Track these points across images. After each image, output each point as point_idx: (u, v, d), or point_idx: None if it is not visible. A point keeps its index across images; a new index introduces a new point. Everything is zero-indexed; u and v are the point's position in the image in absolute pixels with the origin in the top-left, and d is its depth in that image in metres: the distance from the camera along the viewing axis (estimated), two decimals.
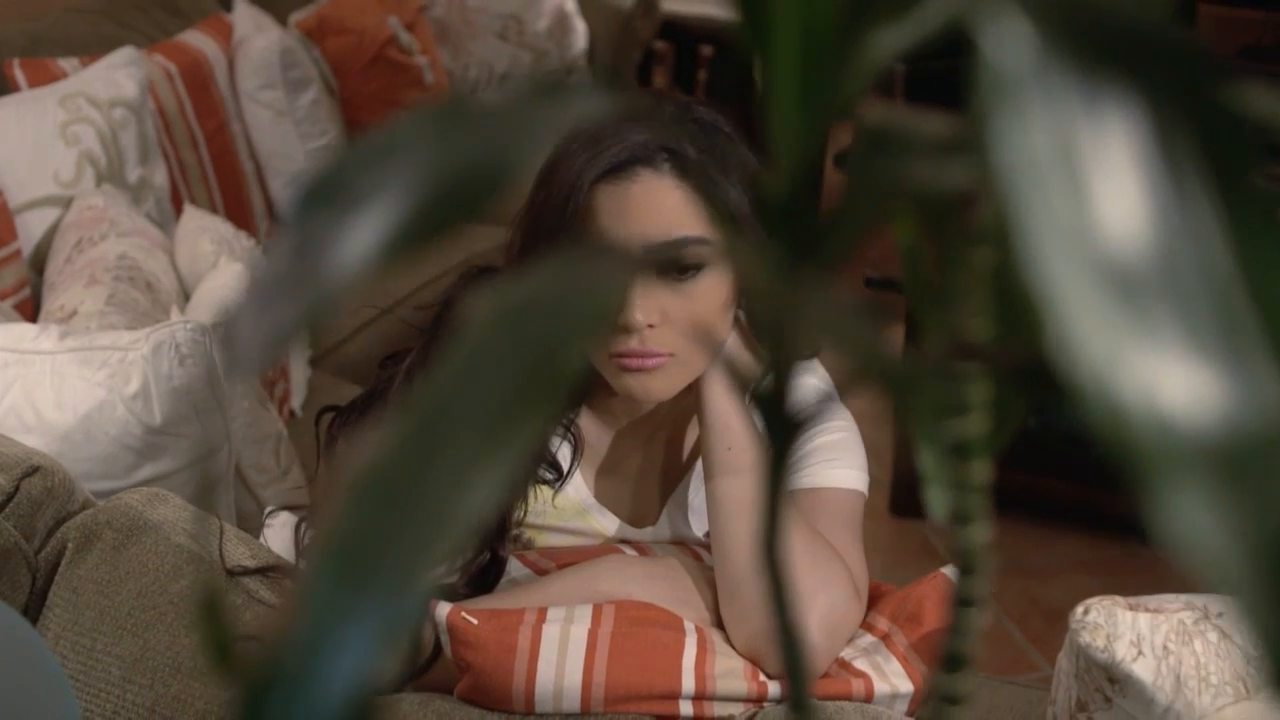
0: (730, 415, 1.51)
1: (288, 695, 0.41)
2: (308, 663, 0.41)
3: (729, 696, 1.39)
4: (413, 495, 0.42)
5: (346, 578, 0.41)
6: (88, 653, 1.41)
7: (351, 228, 0.45)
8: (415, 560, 0.41)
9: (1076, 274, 0.33)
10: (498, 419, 0.42)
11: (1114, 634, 1.31)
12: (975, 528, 0.57)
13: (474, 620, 1.38)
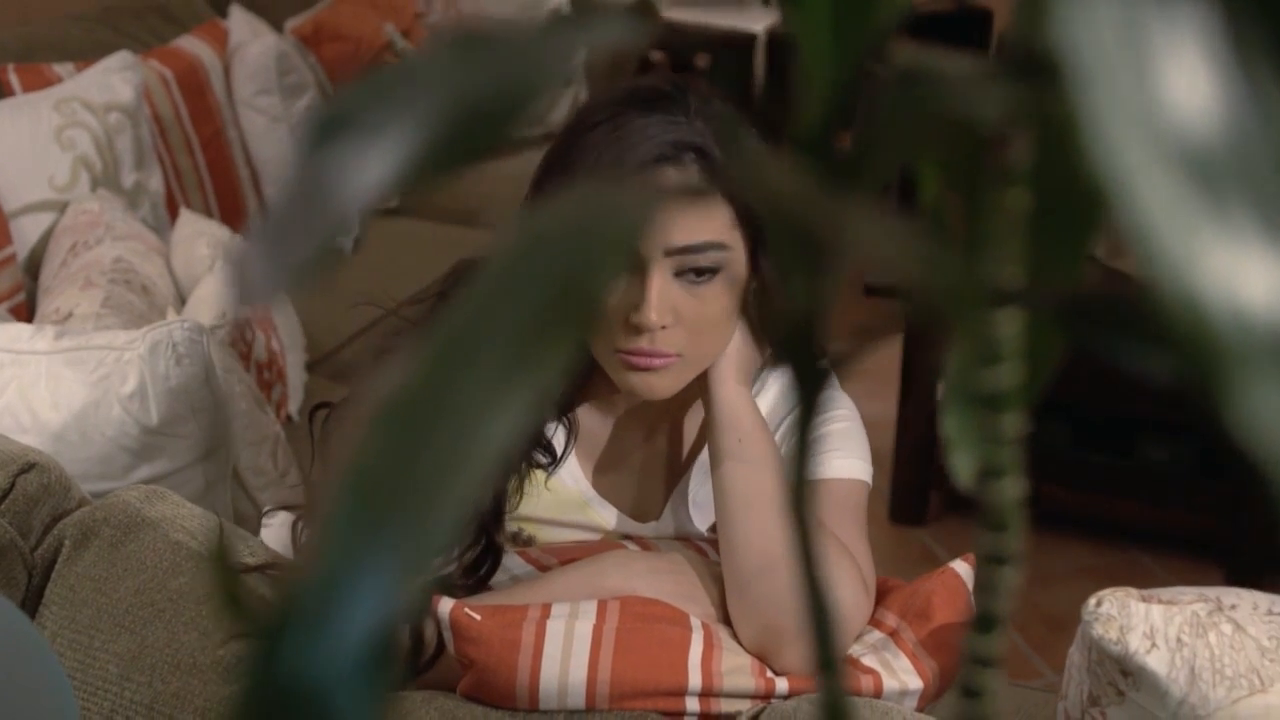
0: (739, 406, 1.49)
1: (304, 635, 0.39)
2: (325, 600, 0.39)
3: (736, 693, 1.37)
4: (434, 425, 0.40)
5: (366, 512, 0.39)
6: (85, 650, 1.39)
7: (366, 155, 0.43)
8: (438, 492, 0.39)
9: (1148, 161, 0.31)
10: (522, 346, 0.40)
11: (1127, 626, 1.29)
12: (1007, 482, 0.55)
13: (477, 616, 1.36)
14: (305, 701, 0.39)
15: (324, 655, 0.39)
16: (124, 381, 1.81)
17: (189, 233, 2.54)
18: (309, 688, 0.39)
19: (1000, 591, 0.56)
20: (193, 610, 1.40)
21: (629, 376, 1.46)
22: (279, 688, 0.39)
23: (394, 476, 0.39)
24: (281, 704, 0.39)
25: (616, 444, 1.60)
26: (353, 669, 0.39)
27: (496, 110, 0.44)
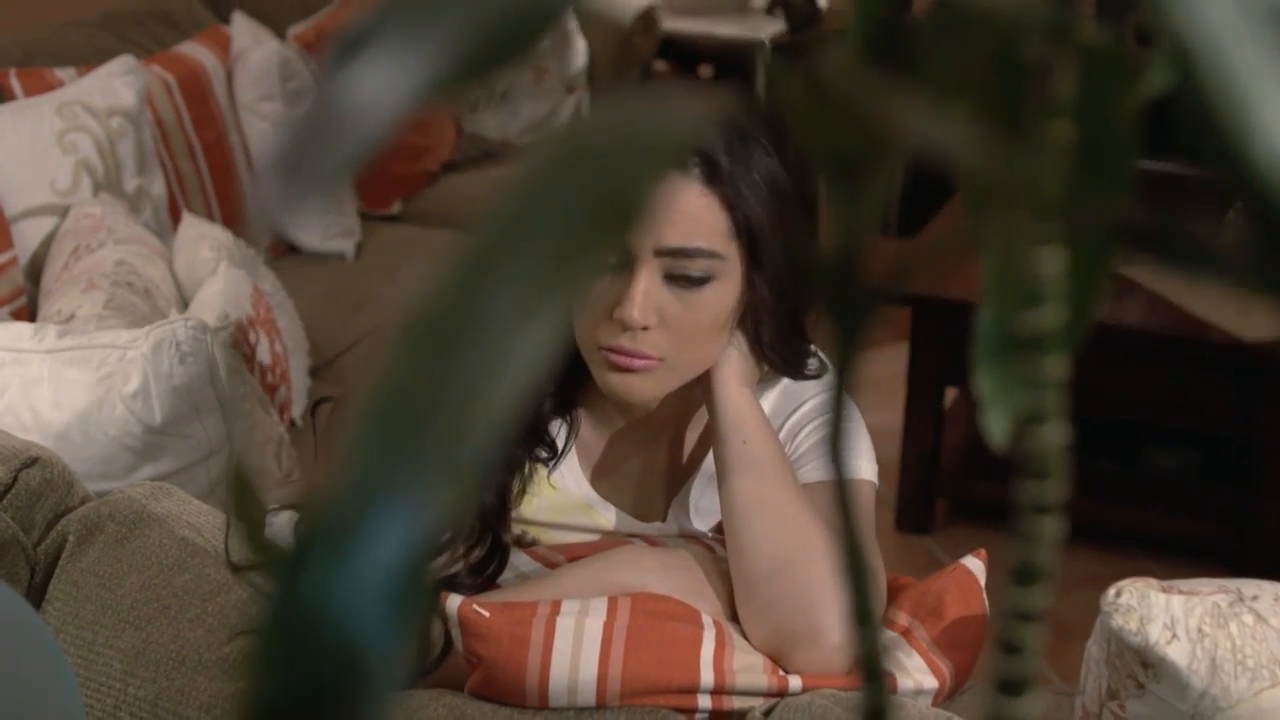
0: (744, 408, 1.47)
1: (328, 560, 0.37)
2: (352, 523, 0.37)
3: (748, 691, 1.35)
4: (465, 338, 0.38)
5: (395, 430, 0.37)
6: (88, 646, 1.37)
7: (390, 72, 0.42)
8: (471, 408, 0.37)
9: (1233, 20, 0.29)
10: (558, 256, 0.38)
11: (1147, 617, 1.27)
12: (1050, 427, 0.54)
13: (486, 613, 1.34)
14: (329, 630, 0.37)
15: (349, 581, 0.37)
16: (127, 380, 1.79)
17: (191, 236, 2.52)
18: (333, 616, 0.37)
19: (1042, 542, 0.54)
20: (198, 606, 1.39)
21: (609, 376, 1.44)
22: (301, 616, 0.37)
23: (424, 392, 0.37)
24: (304, 634, 0.37)
25: (617, 449, 1.58)
26: (380, 595, 0.37)
27: (520, 24, 0.43)
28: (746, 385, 1.49)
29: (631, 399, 1.47)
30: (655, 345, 1.42)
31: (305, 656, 0.37)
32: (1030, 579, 0.55)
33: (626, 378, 1.44)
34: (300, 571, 0.38)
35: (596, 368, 1.45)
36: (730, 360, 1.49)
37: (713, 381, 1.48)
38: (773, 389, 1.56)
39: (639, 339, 1.42)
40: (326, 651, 0.37)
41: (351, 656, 0.37)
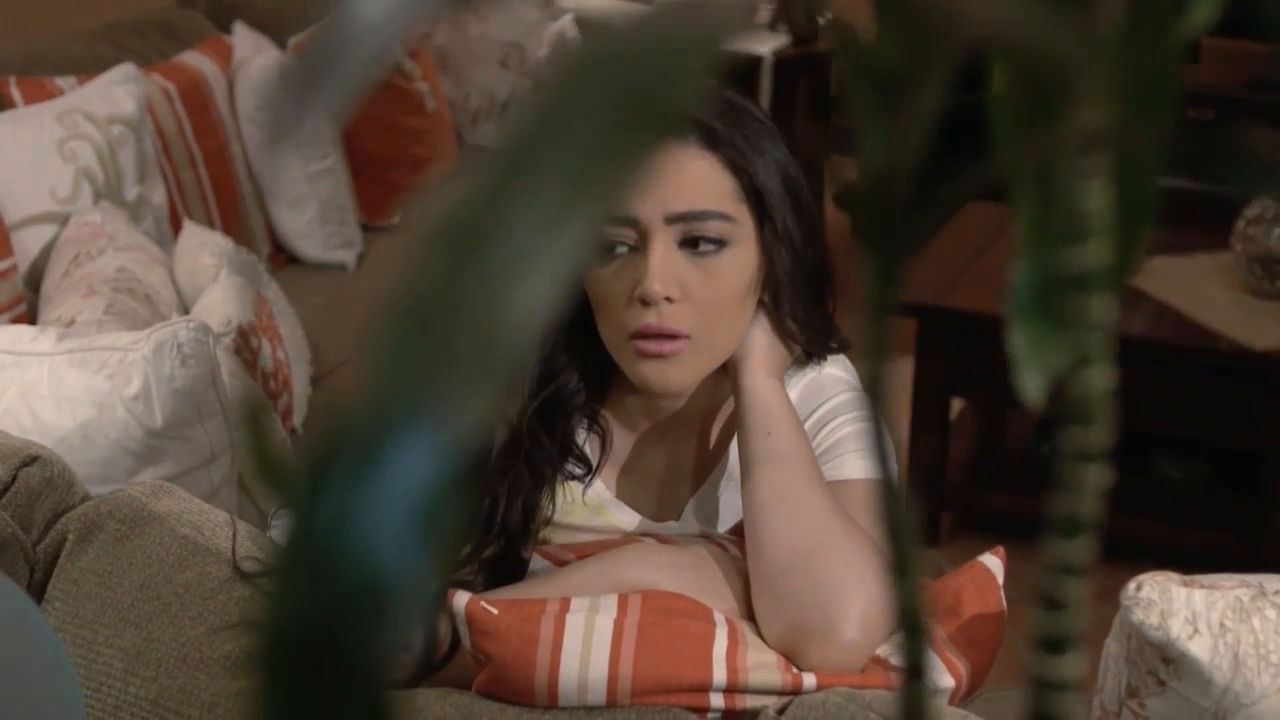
0: (770, 398, 1.45)
1: (350, 479, 0.35)
2: (376, 438, 0.35)
3: (762, 688, 1.32)
4: (494, 240, 0.36)
5: (420, 338, 0.35)
6: (88, 646, 1.35)
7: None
8: (500, 314, 0.35)
9: None
10: (592, 160, 0.36)
11: (1168, 611, 1.25)
12: (1095, 371, 0.51)
13: (494, 610, 1.32)
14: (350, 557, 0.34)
15: (373, 505, 0.34)
16: (128, 383, 1.77)
17: (192, 244, 2.50)
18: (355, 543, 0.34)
19: (1086, 491, 0.52)
20: (200, 604, 1.36)
21: (642, 367, 1.43)
22: (321, 542, 0.35)
23: (450, 298, 0.35)
24: (323, 561, 0.35)
25: (641, 451, 1.57)
26: (407, 520, 0.34)
27: None
28: (774, 376, 1.48)
29: (667, 387, 1.45)
30: (682, 320, 1.41)
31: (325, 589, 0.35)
32: (1073, 531, 0.53)
33: (660, 365, 1.42)
34: (319, 496, 0.35)
35: (628, 361, 1.44)
36: (757, 349, 1.48)
37: (739, 372, 1.47)
38: (798, 384, 1.55)
39: (665, 314, 1.41)
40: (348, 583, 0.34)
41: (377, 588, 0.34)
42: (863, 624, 1.36)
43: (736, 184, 1.43)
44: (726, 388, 1.53)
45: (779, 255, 1.46)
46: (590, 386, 1.53)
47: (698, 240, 1.42)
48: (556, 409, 1.51)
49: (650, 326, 1.41)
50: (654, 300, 1.40)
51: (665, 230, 1.41)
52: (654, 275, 1.40)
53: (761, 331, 1.49)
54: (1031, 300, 0.54)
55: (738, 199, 1.43)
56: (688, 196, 1.41)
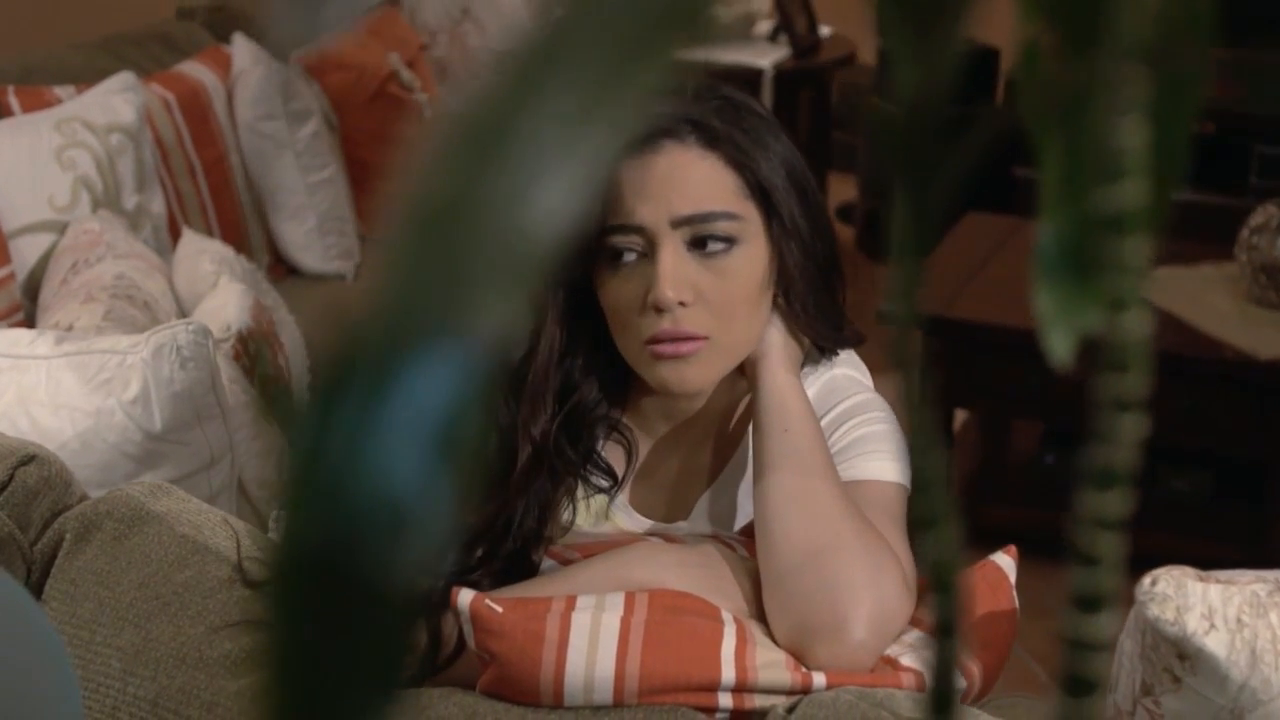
0: (788, 394, 1.44)
1: (363, 401, 0.33)
2: (395, 350, 0.33)
3: (771, 688, 1.30)
4: (516, 141, 0.34)
5: (438, 243, 0.33)
6: (86, 646, 1.33)
7: None
8: (522, 218, 0.33)
9: None
10: (616, 64, 0.34)
11: (1184, 606, 1.23)
12: (1132, 316, 0.49)
13: (499, 608, 1.30)
14: (366, 479, 0.32)
15: (391, 421, 0.32)
16: (126, 386, 1.75)
17: (192, 251, 2.49)
18: (371, 461, 0.32)
19: (1123, 442, 0.50)
20: (199, 603, 1.34)
21: (658, 369, 1.41)
22: (334, 464, 0.33)
23: (470, 202, 0.33)
24: (337, 484, 0.33)
25: (659, 455, 1.56)
26: (427, 436, 0.32)
27: None
28: (792, 373, 1.46)
29: (685, 388, 1.43)
30: (698, 322, 1.40)
31: (339, 513, 0.33)
32: (1109, 483, 0.51)
33: (678, 366, 1.41)
34: (331, 415, 0.33)
35: (646, 367, 1.43)
36: (774, 347, 1.47)
37: (758, 369, 1.46)
38: (813, 385, 1.53)
39: (680, 319, 1.39)
40: (363, 506, 0.32)
41: (394, 510, 0.32)
42: (873, 624, 1.34)
43: (740, 181, 1.42)
44: (743, 388, 1.52)
45: (788, 249, 1.45)
46: (610, 397, 1.52)
47: (706, 241, 1.41)
48: (579, 422, 1.49)
49: (666, 332, 1.40)
50: (668, 306, 1.39)
51: (673, 234, 1.40)
52: (665, 281, 1.38)
53: (776, 329, 1.48)
54: (1059, 259, 0.53)
55: (743, 196, 1.42)
56: (692, 199, 1.40)
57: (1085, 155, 0.50)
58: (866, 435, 1.49)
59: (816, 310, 1.49)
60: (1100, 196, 0.49)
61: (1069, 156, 0.52)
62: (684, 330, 1.40)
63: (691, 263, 1.40)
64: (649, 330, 1.40)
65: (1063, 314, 0.53)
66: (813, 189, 1.47)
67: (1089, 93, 0.48)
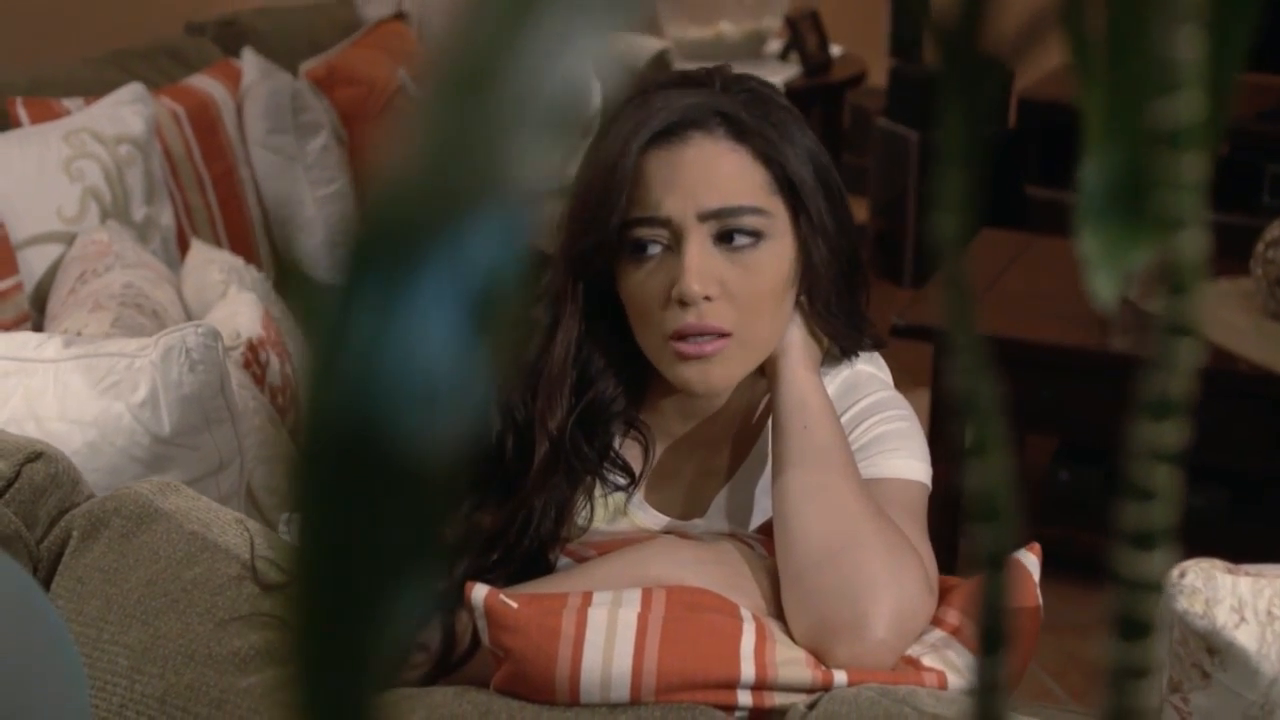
0: (808, 390, 1.42)
1: (401, 263, 0.30)
2: (434, 209, 0.30)
3: (791, 686, 1.27)
4: None
5: (479, 95, 0.31)
6: (93, 643, 1.31)
7: None
8: (557, 71, 0.31)
9: None
10: None
11: (1214, 599, 1.20)
12: (1188, 235, 0.47)
13: (514, 604, 1.27)
14: (395, 362, 0.30)
15: (423, 295, 0.30)
16: (135, 389, 1.73)
17: (200, 260, 2.47)
18: (400, 342, 0.30)
19: (1179, 369, 0.48)
20: (208, 600, 1.32)
21: (681, 369, 1.39)
22: (360, 347, 0.31)
23: (503, 58, 0.31)
24: (363, 368, 0.31)
25: (676, 455, 1.53)
26: (462, 313, 0.30)
27: None
28: (812, 370, 1.44)
29: (708, 388, 1.41)
30: (722, 318, 1.38)
31: (369, 393, 0.30)
32: (1165, 412, 0.49)
33: (701, 366, 1.39)
34: (360, 288, 0.31)
35: (668, 364, 1.41)
36: (794, 344, 1.45)
37: (778, 366, 1.44)
38: (833, 381, 1.51)
39: (705, 313, 1.37)
40: (396, 384, 0.30)
41: (427, 387, 0.30)
42: (893, 623, 1.32)
43: (769, 175, 1.40)
44: (761, 386, 1.50)
45: (815, 245, 1.42)
46: (628, 393, 1.49)
47: (733, 235, 1.39)
48: (595, 418, 1.47)
49: (690, 326, 1.38)
50: (693, 300, 1.37)
51: (699, 228, 1.38)
52: (691, 274, 1.36)
53: (796, 326, 1.46)
54: (1105, 198, 0.51)
55: (771, 191, 1.40)
56: (720, 192, 1.38)
57: (1138, 70, 0.48)
58: (887, 433, 1.47)
59: (839, 310, 1.47)
60: (1156, 110, 0.47)
61: (1118, 75, 0.50)
62: (708, 325, 1.38)
63: (717, 257, 1.38)
64: (672, 324, 1.38)
65: (1108, 255, 0.52)
66: (838, 185, 1.45)
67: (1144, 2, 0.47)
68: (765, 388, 1.49)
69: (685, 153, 1.38)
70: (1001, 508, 0.46)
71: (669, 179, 1.38)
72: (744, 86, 1.44)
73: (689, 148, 1.38)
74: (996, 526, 0.47)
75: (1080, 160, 0.52)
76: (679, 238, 1.38)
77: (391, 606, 0.31)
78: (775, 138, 1.40)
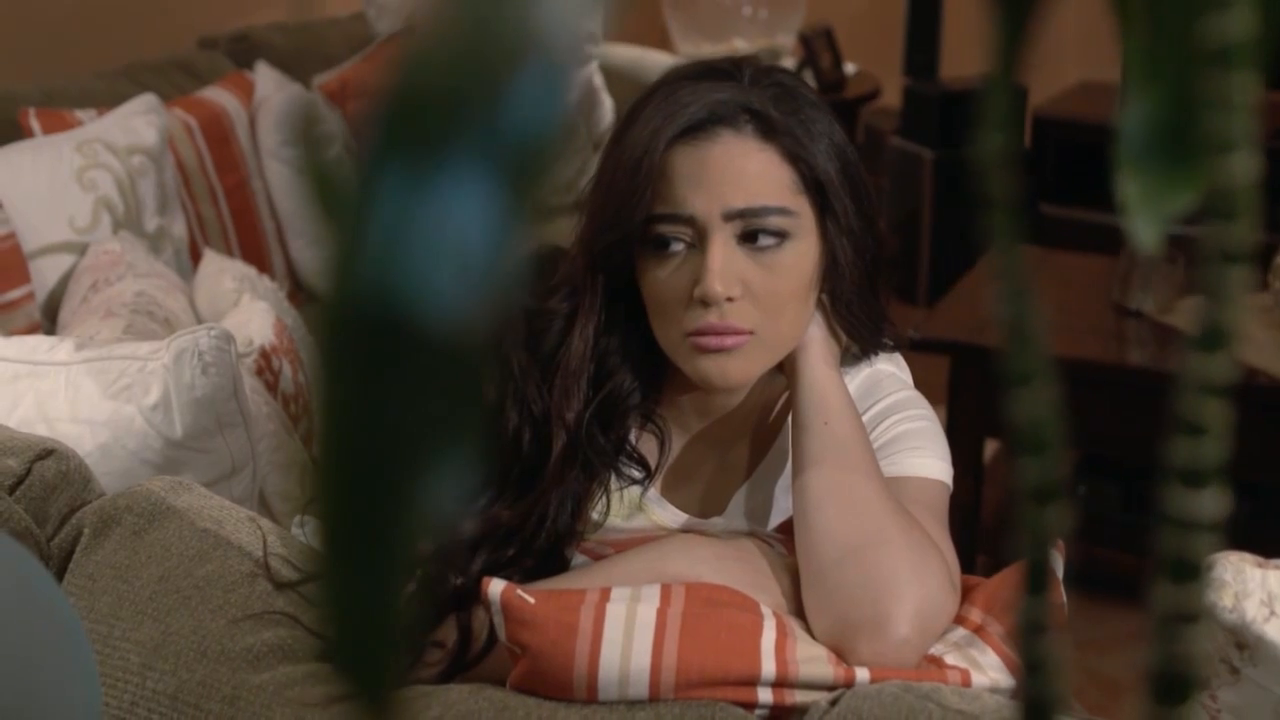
0: (828, 386, 1.40)
1: (436, 130, 0.29)
2: (474, 72, 0.29)
3: (812, 683, 1.25)
4: None
5: None
6: (104, 641, 1.29)
7: None
8: None
9: None
10: None
11: (1243, 592, 1.18)
12: (1239, 157, 0.46)
13: (530, 599, 1.25)
14: (427, 232, 0.29)
15: (459, 162, 0.29)
16: (146, 392, 1.71)
17: (213, 270, 2.46)
18: (433, 212, 0.29)
19: (1229, 297, 0.46)
20: (221, 597, 1.30)
21: (700, 362, 1.37)
22: (390, 219, 0.29)
23: None
24: (393, 240, 0.29)
25: (693, 452, 1.51)
26: (499, 178, 0.29)
27: None
28: (832, 366, 1.42)
29: (726, 382, 1.39)
30: (744, 317, 1.36)
31: (400, 265, 0.29)
32: (1216, 343, 0.47)
33: (720, 360, 1.37)
34: (391, 159, 0.30)
35: (686, 359, 1.39)
36: (814, 342, 1.42)
37: (798, 363, 1.42)
38: (853, 380, 1.49)
39: (727, 313, 1.35)
40: (429, 254, 0.29)
41: (460, 265, 0.29)
42: (916, 621, 1.30)
43: (795, 175, 1.38)
44: (780, 384, 1.48)
45: (840, 246, 1.40)
46: (645, 386, 1.47)
47: (757, 235, 1.37)
48: (612, 410, 1.45)
49: (711, 326, 1.36)
50: (715, 300, 1.35)
51: (724, 227, 1.36)
52: (714, 275, 1.34)
53: (816, 324, 1.44)
54: (1144, 142, 0.50)
55: (797, 190, 1.38)
56: (746, 192, 1.36)
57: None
58: (908, 432, 1.45)
59: (861, 309, 1.45)
60: (1205, 29, 0.45)
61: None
62: (730, 325, 1.36)
63: (741, 257, 1.36)
64: (692, 323, 1.36)
65: (1150, 199, 0.50)
66: (866, 183, 1.43)
67: None
68: (784, 385, 1.47)
69: (712, 150, 1.36)
70: (1049, 438, 0.44)
71: (695, 177, 1.36)
72: (773, 80, 1.41)
73: (716, 145, 1.36)
74: (1044, 460, 0.45)
75: (1121, 103, 0.51)
76: (703, 236, 1.36)
77: (423, 485, 0.29)
78: (804, 136, 1.38)
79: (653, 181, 1.35)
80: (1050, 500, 0.45)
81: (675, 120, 1.36)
